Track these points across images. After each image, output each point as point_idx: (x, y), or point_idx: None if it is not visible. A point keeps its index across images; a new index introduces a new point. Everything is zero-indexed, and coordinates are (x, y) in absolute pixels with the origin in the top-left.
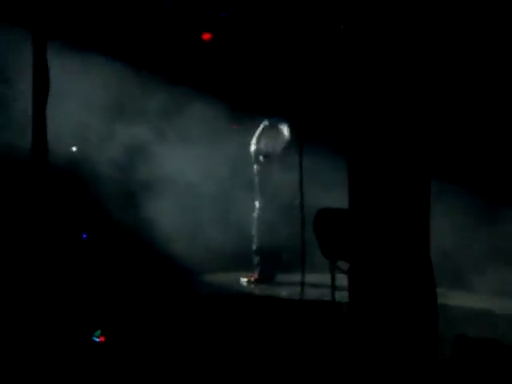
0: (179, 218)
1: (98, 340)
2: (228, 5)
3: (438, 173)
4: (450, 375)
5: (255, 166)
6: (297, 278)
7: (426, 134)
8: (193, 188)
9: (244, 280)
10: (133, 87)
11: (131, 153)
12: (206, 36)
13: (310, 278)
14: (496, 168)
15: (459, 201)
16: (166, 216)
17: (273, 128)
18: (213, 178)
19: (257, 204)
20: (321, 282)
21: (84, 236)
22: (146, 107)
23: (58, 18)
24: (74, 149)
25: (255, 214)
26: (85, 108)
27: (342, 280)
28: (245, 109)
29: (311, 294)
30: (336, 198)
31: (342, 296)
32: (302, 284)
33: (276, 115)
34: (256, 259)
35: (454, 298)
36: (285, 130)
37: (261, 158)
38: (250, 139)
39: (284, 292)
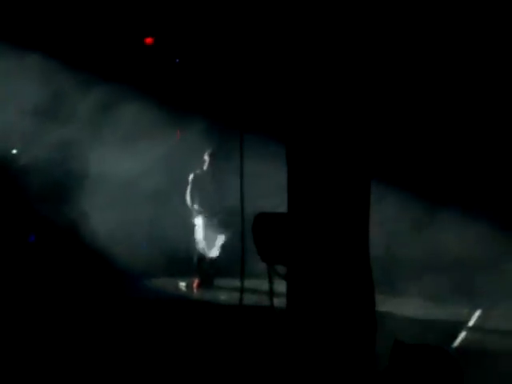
0: (115, 218)
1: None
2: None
3: (378, 176)
4: (388, 382)
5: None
6: (234, 283)
7: (365, 137)
8: (129, 187)
9: (183, 284)
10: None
11: (64, 151)
12: (148, 40)
13: (250, 283)
14: (434, 172)
15: (397, 205)
16: (103, 215)
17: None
18: (149, 177)
19: (195, 211)
20: (259, 288)
21: (32, 238)
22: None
23: None
24: (14, 151)
25: (194, 222)
26: (19, 107)
27: (281, 285)
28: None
29: (249, 299)
30: (275, 203)
31: (280, 301)
32: (242, 290)
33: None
34: (195, 264)
35: (389, 305)
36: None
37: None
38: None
39: (222, 296)
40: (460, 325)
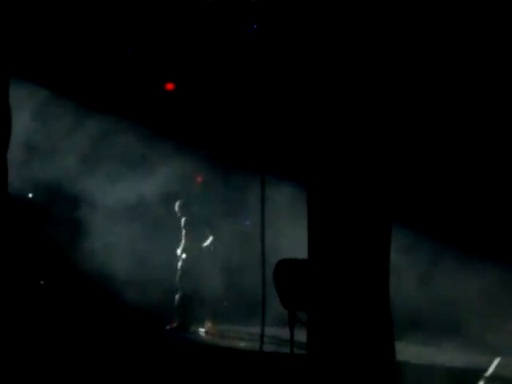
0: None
1: None
2: None
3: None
4: None
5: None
6: (254, 329)
7: (386, 182)
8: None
9: (202, 330)
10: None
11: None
12: (169, 86)
13: (270, 330)
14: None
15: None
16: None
17: None
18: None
19: (179, 252)
20: (280, 335)
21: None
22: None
23: None
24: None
25: (179, 262)
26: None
27: (302, 332)
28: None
29: (269, 346)
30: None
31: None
32: (262, 336)
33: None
34: (176, 306)
35: (408, 353)
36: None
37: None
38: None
39: (242, 343)
40: (479, 373)
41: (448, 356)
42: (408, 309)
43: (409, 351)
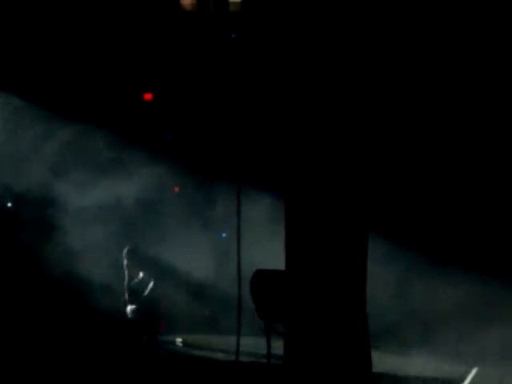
0: None
1: None
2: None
3: (376, 230)
4: None
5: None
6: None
7: (364, 191)
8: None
9: (179, 340)
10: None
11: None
12: (148, 96)
13: (246, 340)
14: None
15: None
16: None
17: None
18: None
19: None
20: (256, 345)
21: None
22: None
23: None
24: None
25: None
26: None
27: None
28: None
29: (246, 356)
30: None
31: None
32: (237, 347)
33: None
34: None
35: (386, 363)
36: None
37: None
38: None
39: (220, 354)
40: (455, 383)
41: (423, 367)
42: (383, 318)
43: (384, 361)
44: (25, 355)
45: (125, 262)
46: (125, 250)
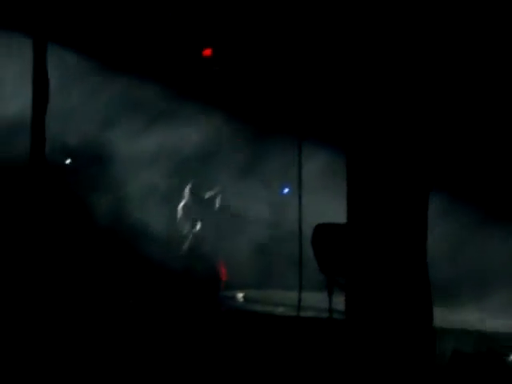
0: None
1: None
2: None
3: (438, 186)
4: None
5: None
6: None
7: (427, 146)
8: None
9: (240, 296)
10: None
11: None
12: (207, 52)
13: (307, 295)
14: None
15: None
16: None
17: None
18: None
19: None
20: (317, 300)
21: None
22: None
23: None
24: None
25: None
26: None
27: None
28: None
29: (307, 311)
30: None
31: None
32: (299, 302)
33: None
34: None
35: (446, 317)
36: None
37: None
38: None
39: (280, 309)
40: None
41: (481, 321)
42: (438, 274)
43: (447, 315)
44: (80, 304)
45: (186, 198)
46: (189, 186)
